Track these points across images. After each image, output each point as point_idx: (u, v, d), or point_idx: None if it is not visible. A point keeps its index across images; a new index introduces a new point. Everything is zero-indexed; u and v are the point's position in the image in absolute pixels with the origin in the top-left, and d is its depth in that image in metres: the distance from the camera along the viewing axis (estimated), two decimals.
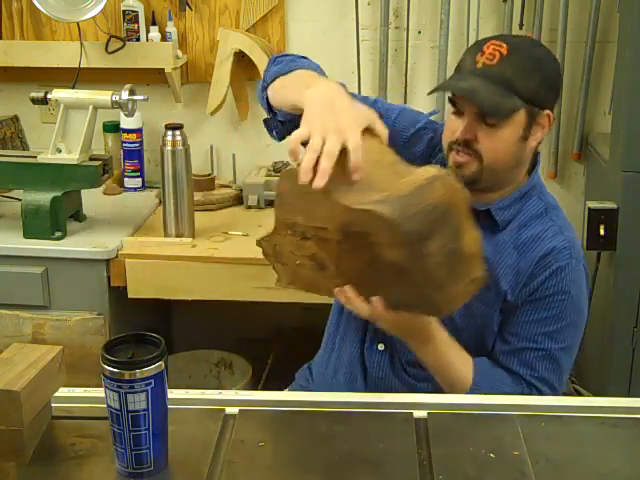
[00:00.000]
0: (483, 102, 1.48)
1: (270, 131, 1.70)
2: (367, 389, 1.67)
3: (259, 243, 1.46)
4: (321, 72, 1.62)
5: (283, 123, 1.62)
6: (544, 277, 1.55)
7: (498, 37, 1.55)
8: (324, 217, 1.32)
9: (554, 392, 1.59)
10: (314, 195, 1.27)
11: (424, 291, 1.32)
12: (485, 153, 1.52)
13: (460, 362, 1.54)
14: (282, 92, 1.57)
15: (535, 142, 1.57)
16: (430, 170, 1.31)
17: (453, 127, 1.54)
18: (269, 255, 1.46)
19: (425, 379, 1.62)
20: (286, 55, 1.68)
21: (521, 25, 2.61)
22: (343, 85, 1.49)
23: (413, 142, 1.67)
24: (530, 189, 1.62)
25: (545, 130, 1.57)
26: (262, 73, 1.68)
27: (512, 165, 1.56)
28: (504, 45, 1.50)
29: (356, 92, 2.71)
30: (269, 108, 1.64)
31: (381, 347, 1.67)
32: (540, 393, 1.57)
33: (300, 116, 1.40)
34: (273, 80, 1.60)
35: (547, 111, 1.55)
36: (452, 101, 1.55)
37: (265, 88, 1.63)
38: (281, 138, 1.68)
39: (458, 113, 1.54)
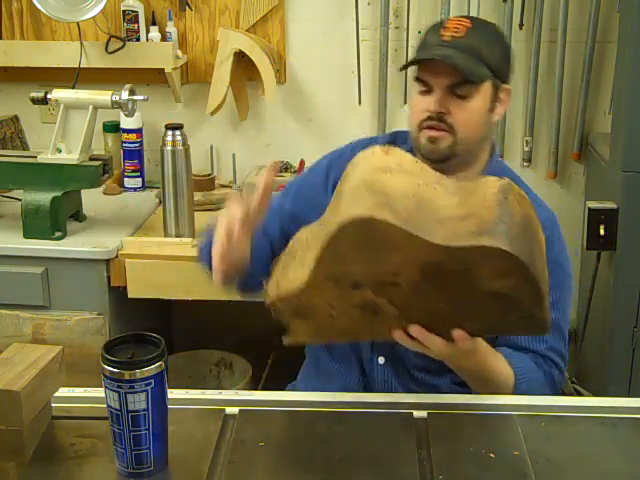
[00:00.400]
0: (460, 66, 1.50)
1: (254, 291, 1.60)
2: None
3: (274, 304, 1.32)
4: None
5: (252, 276, 1.55)
6: None
7: (457, 16, 1.61)
8: (398, 261, 1.20)
9: (564, 362, 1.60)
10: (389, 241, 1.18)
11: (531, 312, 1.27)
12: (458, 126, 1.54)
13: (500, 363, 1.51)
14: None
15: (497, 117, 1.61)
16: (492, 182, 1.25)
17: (422, 106, 1.55)
18: (284, 312, 1.33)
19: (431, 385, 1.62)
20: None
21: (521, 25, 2.61)
22: None
23: None
24: (496, 171, 1.62)
25: (504, 106, 1.61)
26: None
27: (480, 139, 1.59)
28: (466, 20, 1.56)
29: (356, 92, 2.73)
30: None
31: (381, 360, 1.64)
32: (556, 365, 1.58)
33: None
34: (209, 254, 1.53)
35: (506, 86, 1.60)
36: (419, 80, 1.56)
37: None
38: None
39: (425, 92, 1.55)
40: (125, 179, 2.73)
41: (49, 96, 2.23)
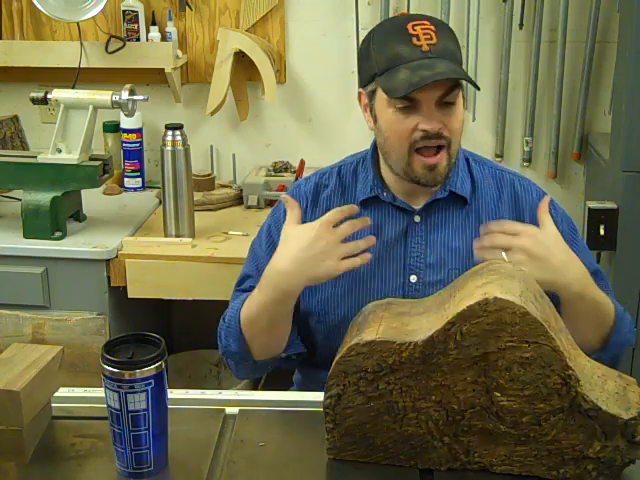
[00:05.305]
0: (466, 77, 1.42)
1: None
2: None
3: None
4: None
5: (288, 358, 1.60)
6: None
7: (410, 18, 1.47)
8: None
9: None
10: None
11: None
12: (452, 137, 1.45)
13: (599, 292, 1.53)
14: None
15: None
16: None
17: (409, 126, 1.43)
18: None
19: None
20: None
21: (521, 25, 2.61)
22: None
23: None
24: (467, 157, 1.61)
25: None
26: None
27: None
28: (425, 21, 1.44)
29: (356, 92, 2.71)
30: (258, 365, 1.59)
31: None
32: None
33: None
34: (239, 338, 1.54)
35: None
36: (405, 98, 1.41)
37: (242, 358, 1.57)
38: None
39: (405, 109, 1.43)
40: (125, 179, 2.74)
41: (49, 96, 2.23)
